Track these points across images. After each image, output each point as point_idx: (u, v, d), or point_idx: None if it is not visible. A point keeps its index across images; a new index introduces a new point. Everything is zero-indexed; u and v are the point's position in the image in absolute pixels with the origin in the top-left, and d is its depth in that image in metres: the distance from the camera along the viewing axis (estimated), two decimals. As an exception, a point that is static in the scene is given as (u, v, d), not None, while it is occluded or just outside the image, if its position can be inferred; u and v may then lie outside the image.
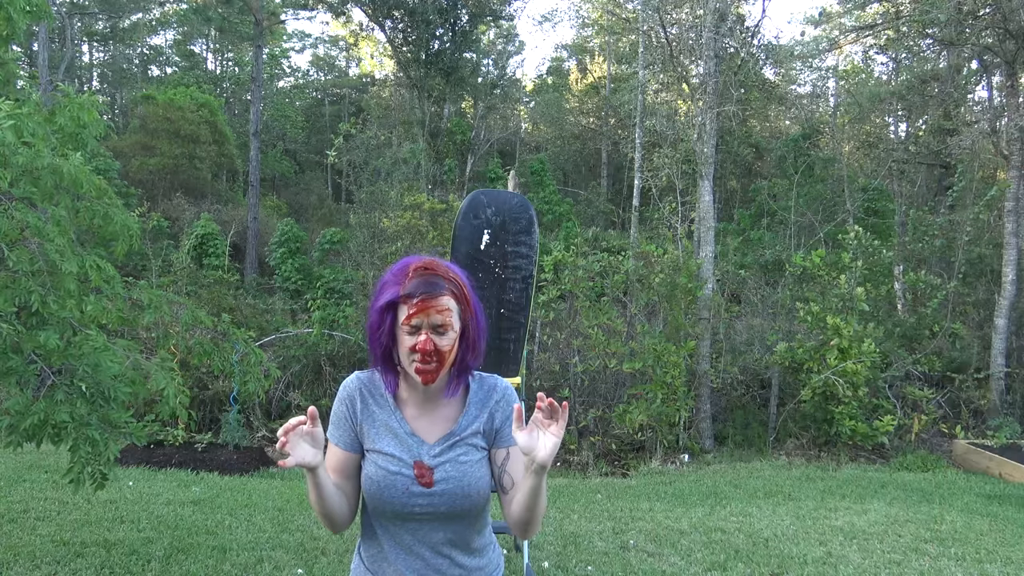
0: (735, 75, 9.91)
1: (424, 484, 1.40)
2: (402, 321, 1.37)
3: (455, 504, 1.41)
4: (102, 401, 2.85)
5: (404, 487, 1.40)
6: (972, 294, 10.58)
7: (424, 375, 1.38)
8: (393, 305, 1.38)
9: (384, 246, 9.84)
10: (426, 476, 1.40)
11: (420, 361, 1.37)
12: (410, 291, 1.36)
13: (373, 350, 1.45)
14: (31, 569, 3.64)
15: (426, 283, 1.37)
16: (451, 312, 1.39)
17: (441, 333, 1.37)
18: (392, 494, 1.40)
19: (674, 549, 4.44)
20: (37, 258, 2.78)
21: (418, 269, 1.39)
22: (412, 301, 1.36)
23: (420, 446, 1.43)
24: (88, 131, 3.15)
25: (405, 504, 1.40)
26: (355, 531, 1.53)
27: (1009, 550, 4.52)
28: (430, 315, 1.36)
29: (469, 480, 1.42)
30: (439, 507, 1.41)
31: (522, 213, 3.99)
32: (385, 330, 1.40)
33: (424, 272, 1.38)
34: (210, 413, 8.06)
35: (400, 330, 1.39)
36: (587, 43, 27.77)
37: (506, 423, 1.48)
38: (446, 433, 1.45)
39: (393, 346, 1.41)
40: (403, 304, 1.37)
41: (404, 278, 1.38)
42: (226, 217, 17.05)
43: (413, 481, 1.40)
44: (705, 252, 8.89)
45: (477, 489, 1.43)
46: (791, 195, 12.86)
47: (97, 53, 29.37)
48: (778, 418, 8.55)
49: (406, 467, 1.41)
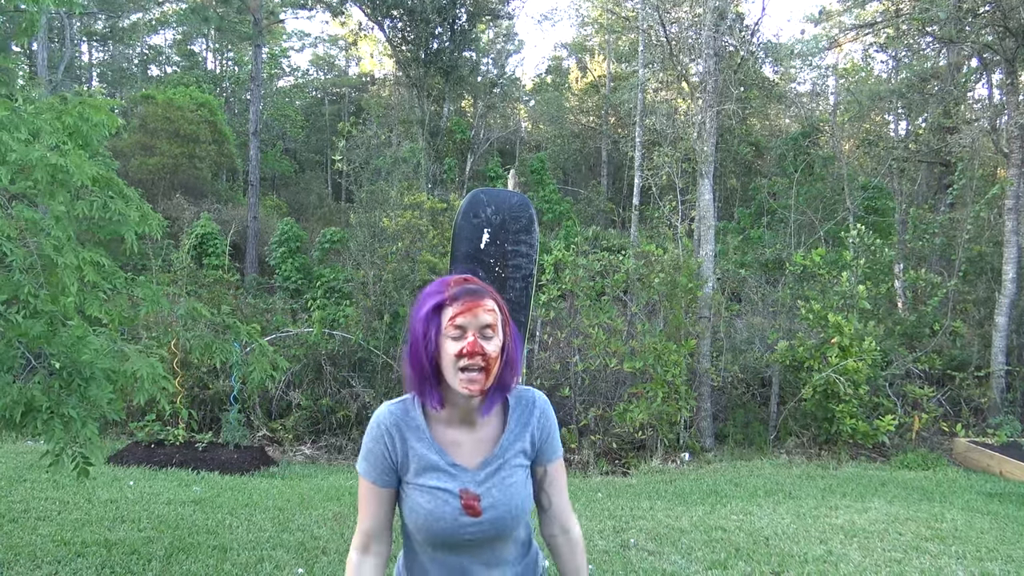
0: (735, 73, 9.90)
1: (472, 514, 1.38)
2: (447, 322, 1.35)
3: (504, 527, 1.41)
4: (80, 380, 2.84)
5: (453, 518, 1.38)
6: (972, 292, 10.58)
7: (471, 384, 1.34)
8: (439, 309, 1.36)
9: (384, 245, 9.83)
10: (474, 506, 1.39)
11: (468, 365, 1.33)
12: (455, 294, 1.36)
13: (416, 366, 1.39)
14: (32, 569, 3.64)
15: (469, 289, 1.36)
16: (496, 315, 1.37)
17: (488, 337, 1.35)
18: (442, 526, 1.39)
19: (675, 548, 4.44)
20: (31, 253, 2.78)
21: (458, 281, 1.38)
22: (458, 302, 1.35)
23: (463, 474, 1.41)
24: (97, 129, 3.15)
25: (454, 534, 1.39)
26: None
27: (1010, 548, 4.52)
28: (477, 315, 1.34)
29: (516, 502, 1.42)
30: (488, 532, 1.40)
31: (522, 212, 3.98)
32: (431, 339, 1.36)
33: (465, 282, 1.38)
34: (211, 412, 8.06)
35: (444, 337, 1.35)
36: (587, 42, 27.76)
37: (546, 441, 1.49)
38: (488, 456, 1.43)
39: (438, 358, 1.37)
40: (449, 306, 1.35)
41: (446, 287, 1.38)
42: (226, 217, 17.04)
43: (461, 512, 1.38)
44: (705, 251, 8.88)
45: (524, 508, 1.45)
46: (791, 193, 12.87)
47: (97, 53, 29.34)
48: (779, 416, 8.54)
49: (452, 497, 1.39)
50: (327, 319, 9.13)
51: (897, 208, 12.94)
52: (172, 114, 18.77)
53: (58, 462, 2.85)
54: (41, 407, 2.72)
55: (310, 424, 8.32)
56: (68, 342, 2.80)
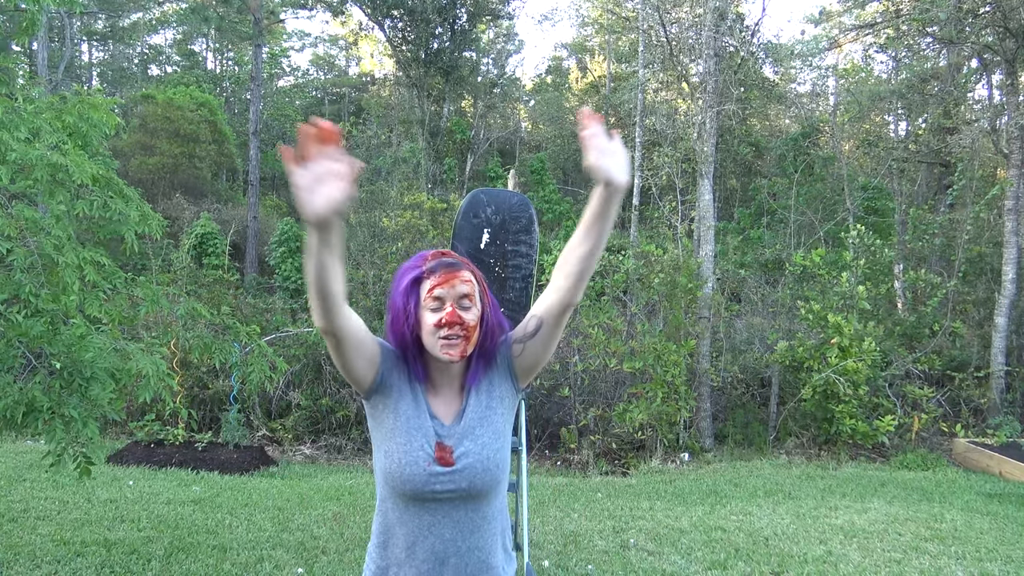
0: (735, 74, 9.90)
1: (444, 464, 1.38)
2: (425, 294, 1.38)
3: (475, 481, 1.39)
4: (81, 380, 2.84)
5: (425, 464, 1.38)
6: (972, 293, 10.58)
7: (451, 350, 1.37)
8: (417, 282, 1.40)
9: (384, 245, 9.83)
10: (446, 456, 1.39)
11: (448, 334, 1.36)
12: (432, 267, 1.39)
13: (398, 338, 1.42)
14: (31, 568, 3.64)
15: (445, 262, 1.40)
16: (473, 285, 1.41)
17: (465, 307, 1.39)
18: (414, 471, 1.37)
19: (674, 548, 4.44)
20: (32, 253, 2.78)
21: (435, 255, 1.42)
22: (435, 274, 1.38)
23: (440, 427, 1.42)
24: (97, 129, 3.15)
25: (426, 483, 1.37)
26: (355, 530, 1.53)
27: (1009, 548, 4.52)
28: (455, 285, 1.38)
29: (487, 454, 1.41)
30: (460, 484, 1.38)
31: (522, 212, 3.98)
32: (411, 311, 1.39)
33: (441, 255, 1.42)
34: (210, 412, 8.06)
35: (424, 308, 1.39)
36: (587, 42, 27.75)
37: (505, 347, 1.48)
38: (460, 409, 1.45)
39: (419, 330, 1.40)
40: (427, 279, 1.39)
41: (423, 261, 1.42)
42: (226, 216, 17.04)
43: (434, 461, 1.38)
44: (705, 251, 8.88)
45: (496, 463, 1.42)
46: (791, 194, 12.86)
47: (97, 52, 29.34)
48: (778, 417, 8.55)
49: (428, 446, 1.39)
50: (327, 319, 9.11)
51: (897, 208, 12.94)
52: (172, 114, 18.76)
53: (59, 462, 2.85)
54: (42, 407, 2.72)
55: (310, 424, 8.32)
56: (69, 341, 2.80)
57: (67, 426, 2.75)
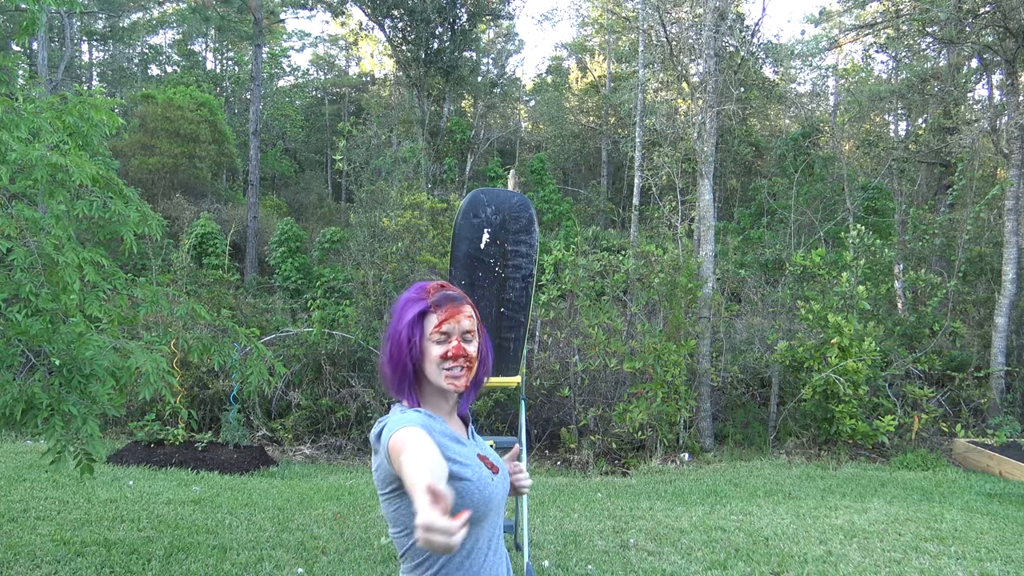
0: (735, 74, 9.90)
1: (494, 471, 1.48)
2: (432, 330, 1.44)
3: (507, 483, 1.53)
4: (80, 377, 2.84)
5: (489, 478, 1.45)
6: (972, 293, 10.58)
7: (456, 380, 1.44)
8: (423, 315, 1.45)
9: (384, 245, 9.83)
10: (490, 464, 1.48)
11: (452, 367, 1.43)
12: (437, 301, 1.45)
13: (398, 368, 1.44)
14: (31, 568, 3.64)
15: (449, 296, 1.46)
16: (474, 320, 1.48)
17: (468, 341, 1.46)
18: (486, 485, 1.42)
19: (674, 548, 4.44)
20: (32, 252, 2.78)
21: (435, 287, 1.48)
22: (441, 309, 1.44)
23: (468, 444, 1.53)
24: (97, 129, 3.15)
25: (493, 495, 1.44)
26: (355, 530, 1.53)
27: (1009, 548, 4.52)
28: (460, 321, 1.44)
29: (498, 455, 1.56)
30: (506, 486, 1.51)
31: (522, 212, 3.98)
32: (416, 343, 1.44)
33: (442, 288, 1.48)
34: (210, 412, 8.06)
35: (428, 342, 1.44)
36: (587, 42, 27.74)
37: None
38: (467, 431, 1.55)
39: (422, 360, 1.45)
40: (432, 313, 1.44)
41: (426, 294, 1.47)
42: (226, 216, 17.04)
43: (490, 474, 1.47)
44: (705, 251, 8.88)
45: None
46: (791, 194, 12.85)
47: (97, 52, 29.33)
48: (778, 417, 8.55)
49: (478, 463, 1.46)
50: (327, 319, 9.13)
51: (897, 208, 12.94)
52: (172, 114, 18.76)
53: (59, 460, 2.85)
54: (41, 405, 2.72)
55: (310, 424, 8.32)
56: (68, 339, 2.80)
57: (66, 423, 2.75)
